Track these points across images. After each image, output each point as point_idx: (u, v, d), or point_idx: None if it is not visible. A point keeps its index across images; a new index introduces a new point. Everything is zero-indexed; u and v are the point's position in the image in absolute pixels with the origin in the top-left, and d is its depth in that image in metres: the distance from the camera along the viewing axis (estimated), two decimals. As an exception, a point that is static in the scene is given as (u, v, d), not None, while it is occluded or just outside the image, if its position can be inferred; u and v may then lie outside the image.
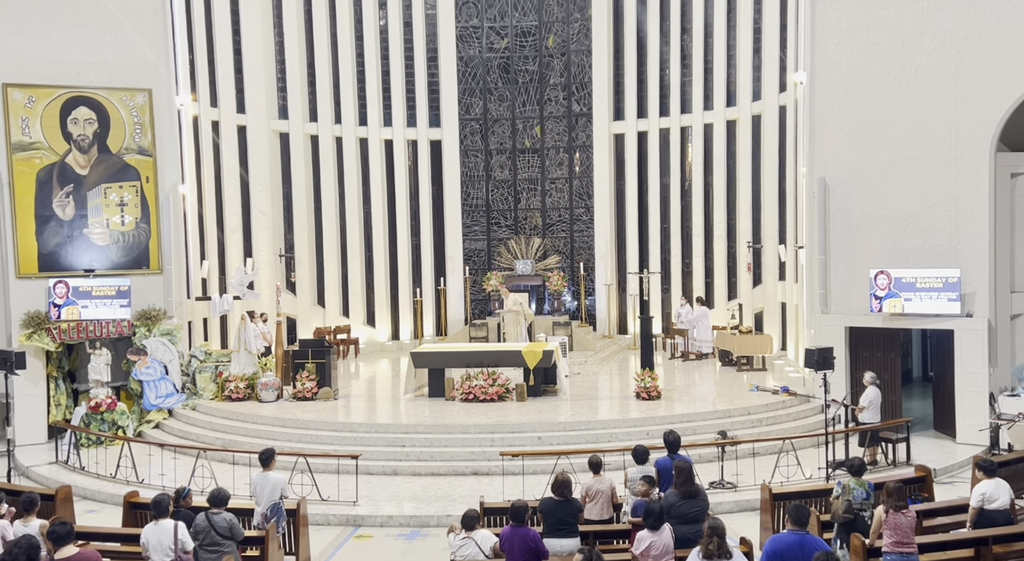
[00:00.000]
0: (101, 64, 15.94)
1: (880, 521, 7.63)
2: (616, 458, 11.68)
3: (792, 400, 14.97)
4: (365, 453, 12.41)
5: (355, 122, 22.88)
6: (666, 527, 7.25)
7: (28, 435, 14.89)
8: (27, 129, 15.50)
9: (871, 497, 8.27)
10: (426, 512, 10.99)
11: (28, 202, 15.51)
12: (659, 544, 7.12)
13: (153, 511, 7.57)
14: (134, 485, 12.00)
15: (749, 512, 10.81)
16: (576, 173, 24.12)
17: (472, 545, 7.57)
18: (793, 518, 6.93)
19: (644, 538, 7.17)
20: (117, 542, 8.84)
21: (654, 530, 7.17)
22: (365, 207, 23.17)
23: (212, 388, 16.24)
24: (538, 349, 15.72)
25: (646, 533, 7.19)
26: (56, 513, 9.70)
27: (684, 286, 22.64)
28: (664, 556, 7.13)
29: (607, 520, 8.90)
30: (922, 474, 10.17)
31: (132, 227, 16.26)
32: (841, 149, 14.84)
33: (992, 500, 8.38)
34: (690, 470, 8.08)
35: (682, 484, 7.95)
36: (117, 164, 16.14)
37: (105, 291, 15.70)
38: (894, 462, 12.61)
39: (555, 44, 24.03)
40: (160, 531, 7.46)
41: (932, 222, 14.03)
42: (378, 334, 23.23)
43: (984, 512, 8.40)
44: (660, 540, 7.14)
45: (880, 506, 7.71)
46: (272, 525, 8.79)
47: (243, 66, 21.22)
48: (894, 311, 14.03)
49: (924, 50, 14.05)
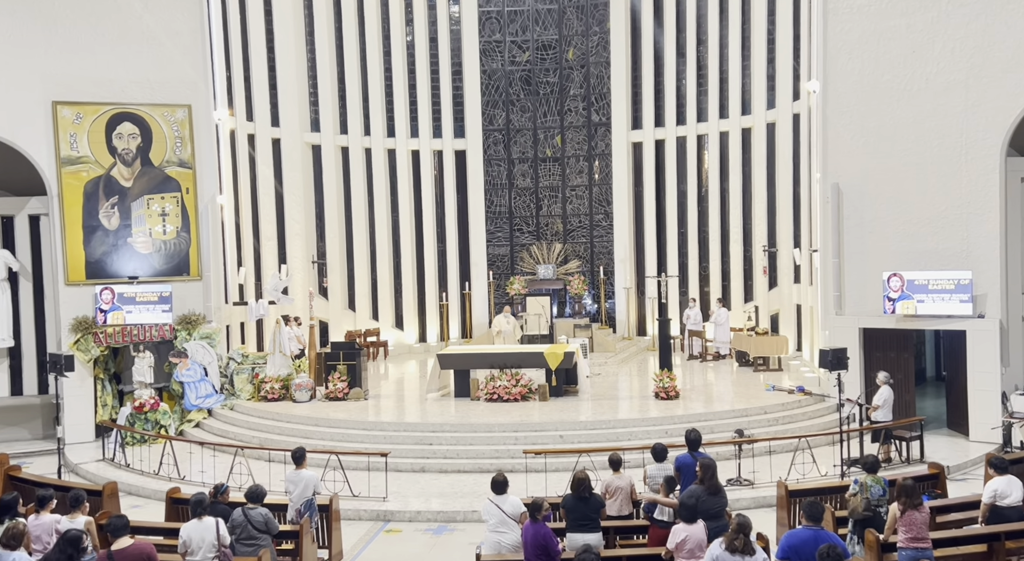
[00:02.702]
0: (144, 81, 16.20)
1: (895, 517, 7.55)
2: (636, 456, 11.63)
3: (807, 399, 14.84)
4: (394, 451, 12.48)
5: (383, 134, 23.04)
6: (700, 522, 7.22)
7: (77, 434, 15.10)
8: (75, 144, 15.79)
9: (887, 493, 8.17)
10: (453, 507, 11.02)
11: (76, 213, 15.79)
12: (693, 538, 7.08)
13: (194, 510, 7.64)
14: (176, 481, 12.15)
15: (765, 508, 10.74)
16: (596, 180, 24.09)
17: (492, 506, 7.78)
18: (808, 514, 6.87)
19: (679, 531, 7.12)
20: (160, 536, 8.95)
21: (690, 523, 7.15)
22: (393, 215, 23.31)
23: (249, 389, 16.40)
24: (559, 351, 15.71)
25: (682, 526, 7.14)
26: (104, 508, 9.86)
27: (701, 289, 22.53)
28: (697, 550, 7.09)
29: (627, 516, 8.88)
30: (935, 471, 10.05)
31: (173, 236, 16.48)
32: (854, 155, 14.70)
33: (1004, 496, 8.27)
34: (714, 467, 8.05)
35: (708, 479, 7.91)
36: (159, 176, 16.38)
37: (148, 297, 15.91)
38: (908, 459, 12.46)
39: (575, 57, 24.04)
40: (204, 529, 7.50)
41: (944, 225, 13.86)
42: (406, 336, 23.34)
43: (996, 508, 8.28)
44: (694, 534, 7.10)
45: (895, 502, 7.62)
46: (306, 520, 8.85)
47: (277, 82, 21.45)
48: (907, 312, 13.87)
49: (935, 58, 13.89)
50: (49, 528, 7.71)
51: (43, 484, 10.01)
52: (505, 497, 7.92)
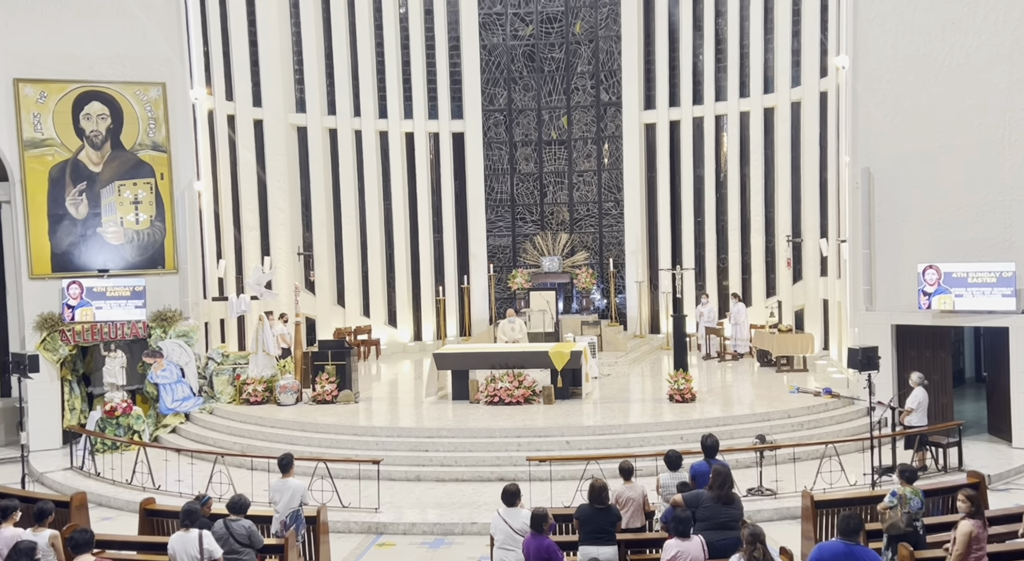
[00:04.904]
0: (114, 57, 16.15)
1: (971, 537, 7.30)
2: (648, 463, 11.64)
3: (835, 402, 14.83)
4: (387, 458, 12.46)
5: (375, 115, 23.01)
6: (696, 538, 7.20)
7: (42, 440, 15.10)
8: (39, 125, 15.76)
9: (924, 506, 8.13)
10: (451, 519, 11.03)
11: (41, 200, 15.76)
12: (686, 555, 7.07)
13: (184, 520, 7.66)
14: (150, 491, 12.16)
15: (789, 520, 10.72)
16: (605, 165, 24.05)
17: (500, 521, 7.75)
18: (842, 529, 6.72)
19: (671, 547, 7.13)
20: (133, 551, 8.96)
21: (683, 538, 7.13)
22: (385, 203, 23.29)
23: (230, 391, 16.40)
24: (566, 350, 15.70)
25: (674, 541, 7.15)
26: (71, 520, 9.85)
27: (719, 283, 22.52)
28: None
29: (639, 528, 8.88)
30: (975, 480, 10.00)
31: (147, 225, 16.47)
32: (886, 137, 14.65)
33: (1051, 508, 8.21)
34: (728, 474, 8.02)
35: (718, 487, 7.89)
36: (131, 161, 16.36)
37: (120, 292, 15.92)
38: (944, 468, 12.44)
39: (582, 30, 23.97)
40: (188, 541, 7.54)
41: (985, 213, 13.81)
42: (400, 335, 23.34)
43: (1042, 521, 8.24)
44: (688, 550, 7.08)
45: (967, 520, 7.40)
46: (291, 533, 8.86)
47: (259, 58, 21.42)
48: (944, 308, 13.84)
49: (976, 30, 13.82)
50: (10, 542, 7.65)
51: (5, 495, 9.99)
52: (517, 511, 7.86)
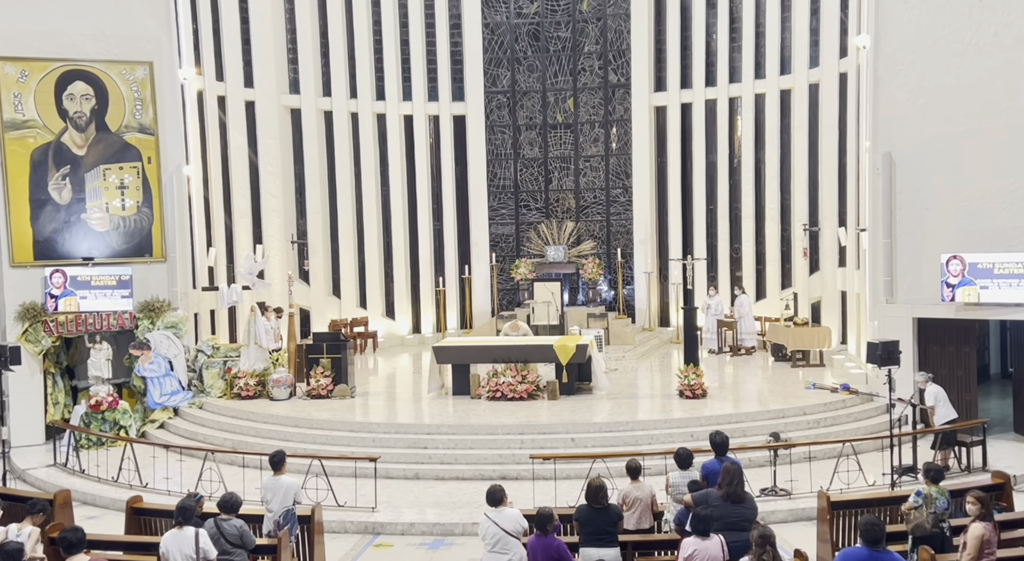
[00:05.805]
0: (99, 35, 16.08)
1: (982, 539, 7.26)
2: (657, 462, 11.60)
3: (853, 399, 14.81)
4: (384, 455, 12.46)
5: (372, 96, 22.95)
6: (716, 537, 7.17)
7: (24, 436, 15.09)
8: (20, 106, 15.70)
9: (950, 506, 8.07)
10: (450, 519, 11.02)
11: (22, 185, 15.72)
12: (703, 554, 7.04)
13: (178, 518, 7.65)
14: (137, 489, 12.14)
15: (804, 522, 10.71)
16: (613, 150, 23.98)
17: (489, 523, 7.65)
18: (866, 537, 6.64)
19: (688, 545, 7.11)
20: (120, 551, 8.95)
21: (702, 537, 7.09)
22: (383, 189, 23.25)
23: (220, 385, 16.41)
24: (571, 343, 15.68)
25: (692, 540, 7.12)
26: (55, 519, 9.83)
27: (732, 274, 22.47)
28: None
29: (647, 530, 8.85)
30: (1000, 481, 9.97)
31: (133, 211, 16.42)
32: (909, 120, 14.57)
33: (1081, 510, 8.16)
34: (738, 472, 7.97)
35: (727, 485, 7.85)
36: (117, 143, 16.30)
37: (105, 281, 15.88)
38: (968, 467, 12.39)
39: (590, 8, 23.86)
40: (182, 539, 7.54)
41: (1012, 201, 13.72)
42: (398, 327, 23.33)
43: (1072, 524, 8.19)
44: (706, 549, 7.05)
45: (978, 522, 7.36)
46: (285, 533, 8.83)
47: (251, 36, 21.35)
48: (969, 300, 13.76)
49: (1005, 7, 13.69)
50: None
51: (-14, 492, 10.02)
52: (501, 510, 7.79)
